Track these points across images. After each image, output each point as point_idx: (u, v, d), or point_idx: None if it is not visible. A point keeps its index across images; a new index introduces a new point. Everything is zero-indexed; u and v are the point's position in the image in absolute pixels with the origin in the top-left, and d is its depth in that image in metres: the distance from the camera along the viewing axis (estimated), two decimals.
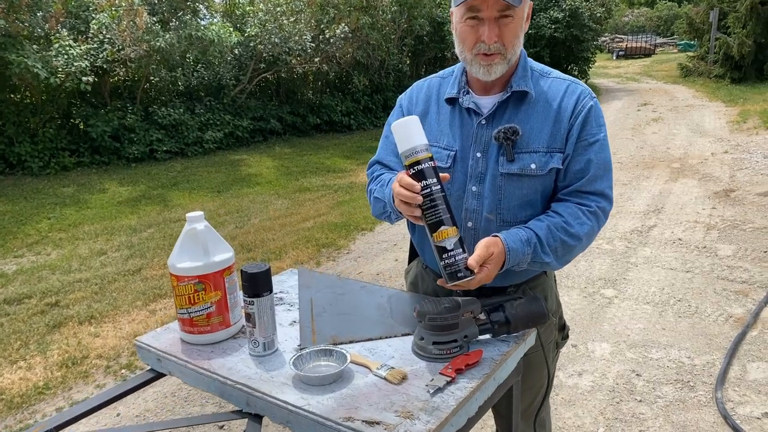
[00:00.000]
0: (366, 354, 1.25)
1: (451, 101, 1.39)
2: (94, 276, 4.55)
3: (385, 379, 1.14)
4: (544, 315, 1.26)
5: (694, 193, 5.89)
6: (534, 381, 1.52)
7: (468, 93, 1.37)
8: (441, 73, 1.48)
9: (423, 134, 1.20)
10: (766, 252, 4.13)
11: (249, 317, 1.25)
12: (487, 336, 1.26)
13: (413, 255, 1.64)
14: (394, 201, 1.27)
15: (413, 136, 1.19)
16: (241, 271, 1.25)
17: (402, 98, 1.52)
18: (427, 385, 1.10)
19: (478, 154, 1.34)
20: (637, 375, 2.67)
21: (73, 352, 3.35)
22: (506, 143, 1.30)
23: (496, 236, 1.26)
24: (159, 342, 1.36)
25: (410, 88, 1.51)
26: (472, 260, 1.18)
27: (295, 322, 1.42)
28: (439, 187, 1.18)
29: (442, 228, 1.18)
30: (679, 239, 4.54)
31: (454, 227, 1.19)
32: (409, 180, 1.17)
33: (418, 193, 1.16)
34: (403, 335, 1.32)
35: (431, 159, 1.19)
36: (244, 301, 1.25)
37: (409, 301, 1.50)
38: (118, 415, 2.71)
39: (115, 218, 6.14)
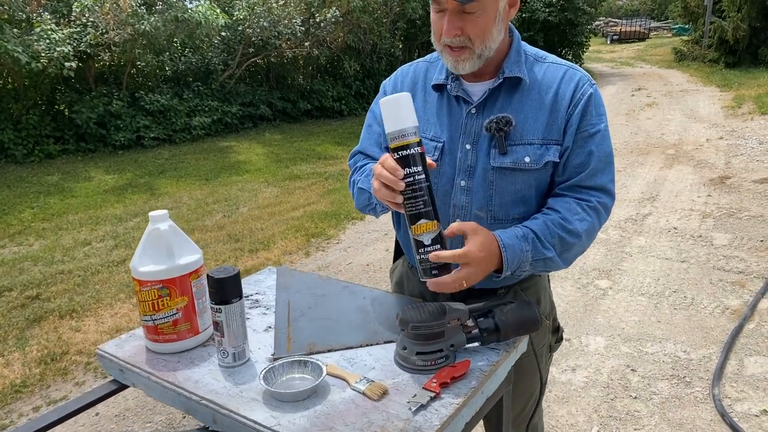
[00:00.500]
0: (345, 365, 1.15)
1: (439, 88, 1.28)
2: (77, 267, 4.43)
3: (363, 394, 1.04)
4: (536, 321, 1.17)
5: (689, 180, 5.81)
6: (526, 387, 1.43)
7: (457, 79, 1.26)
8: (428, 57, 1.37)
9: (414, 115, 1.09)
10: (762, 241, 4.06)
11: (217, 326, 1.15)
12: (476, 344, 1.17)
13: (399, 253, 1.55)
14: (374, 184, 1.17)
15: (403, 117, 1.08)
16: (207, 276, 1.15)
17: (386, 84, 1.41)
18: (409, 402, 1.01)
19: (468, 146, 1.24)
20: (632, 370, 2.60)
21: (53, 348, 3.25)
22: (498, 134, 1.20)
23: (493, 235, 1.16)
24: (122, 351, 1.26)
25: (395, 72, 1.40)
26: (444, 254, 1.08)
27: (270, 327, 1.33)
28: (423, 176, 1.08)
29: (422, 221, 1.09)
30: (675, 228, 4.47)
31: (435, 221, 1.10)
32: (393, 163, 1.07)
33: (400, 180, 1.06)
34: (385, 342, 1.23)
35: (419, 144, 1.09)
36: (212, 308, 1.15)
37: (394, 304, 1.41)
38: (96, 414, 2.62)
39: (100, 207, 6.00)
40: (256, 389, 1.08)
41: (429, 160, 1.10)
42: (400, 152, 1.07)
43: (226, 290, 1.14)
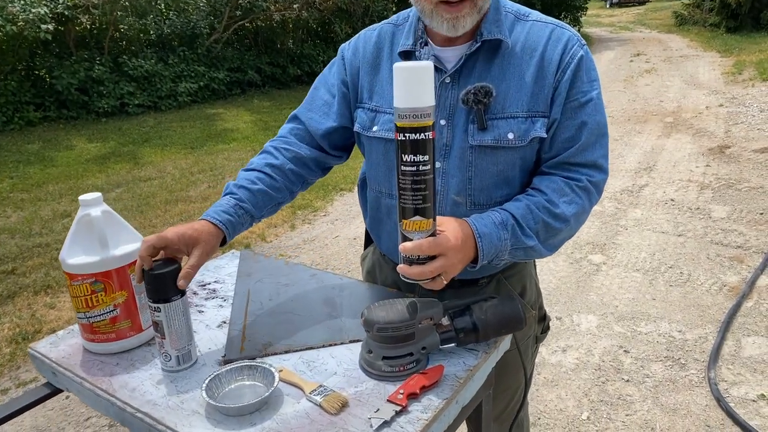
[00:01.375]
0: (302, 369, 1.02)
1: (407, 56, 1.11)
2: (55, 241, 4.28)
3: (320, 406, 0.91)
4: (520, 320, 1.03)
5: (687, 149, 5.65)
6: (509, 383, 1.31)
7: (426, 44, 1.09)
8: (394, 18, 1.19)
9: (432, 91, 0.90)
10: (762, 214, 3.93)
11: (156, 326, 1.01)
12: (451, 345, 1.03)
13: (369, 240, 1.40)
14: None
15: (421, 93, 0.88)
16: (143, 271, 1.00)
17: (345, 49, 1.23)
18: (370, 418, 0.88)
19: (442, 122, 1.08)
20: (625, 351, 2.49)
21: (25, 326, 3.13)
22: (477, 107, 1.04)
23: (465, 222, 1.01)
24: (56, 350, 1.12)
25: (357, 36, 1.23)
26: (408, 246, 0.92)
27: (225, 322, 1.19)
28: (429, 167, 0.91)
29: (416, 218, 0.93)
30: (672, 200, 4.33)
31: (431, 220, 0.94)
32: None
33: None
34: (351, 342, 1.09)
35: (432, 129, 0.91)
36: (150, 307, 1.00)
37: (365, 295, 1.27)
38: (67, 397, 2.51)
39: (81, 177, 5.81)
40: (199, 400, 0.95)
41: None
42: (407, 135, 0.90)
43: (166, 287, 1.00)
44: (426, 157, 0.91)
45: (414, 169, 0.91)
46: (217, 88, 9.51)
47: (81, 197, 1.06)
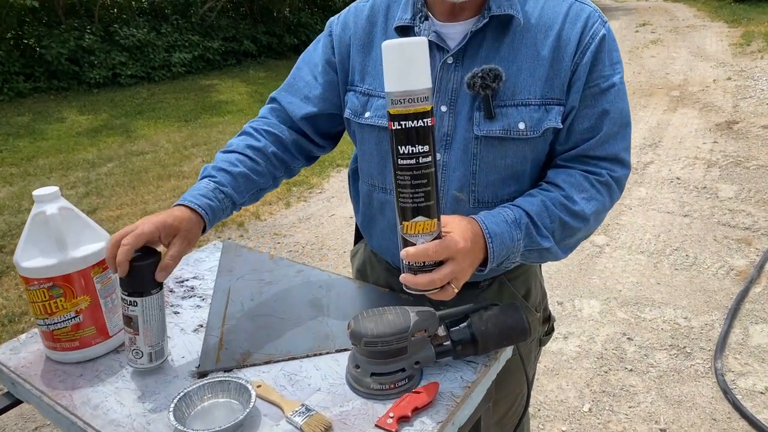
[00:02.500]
0: (283, 383, 0.92)
1: (404, 31, 0.99)
2: None
3: (301, 430, 0.82)
4: (523, 331, 0.93)
5: (694, 124, 5.49)
6: (510, 389, 1.22)
7: (427, 18, 0.97)
8: None
9: (429, 72, 0.77)
10: None
11: (130, 321, 0.92)
12: (447, 358, 0.94)
13: (361, 234, 1.29)
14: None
15: (418, 74, 0.75)
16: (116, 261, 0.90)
17: (333, 23, 1.10)
18: None
19: (443, 108, 0.96)
20: (629, 339, 2.41)
21: (12, 308, 3.05)
22: (484, 92, 0.92)
23: (473, 220, 0.90)
24: (16, 358, 1.03)
25: (347, 9, 1.10)
26: (412, 250, 0.80)
27: (202, 326, 1.09)
28: (429, 159, 0.79)
29: (419, 219, 0.81)
30: (678, 178, 4.21)
31: (435, 221, 0.82)
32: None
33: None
34: (338, 351, 1.00)
35: (430, 115, 0.78)
36: (123, 300, 0.91)
37: (355, 296, 1.17)
38: None
39: (72, 151, 5.68)
40: (166, 421, 0.85)
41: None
42: (403, 123, 0.77)
43: (144, 279, 0.91)
44: (426, 148, 0.78)
45: (413, 162, 0.78)
46: (212, 59, 9.28)
47: (35, 192, 0.95)
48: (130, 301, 0.90)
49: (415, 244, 0.81)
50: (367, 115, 1.03)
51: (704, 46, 9.48)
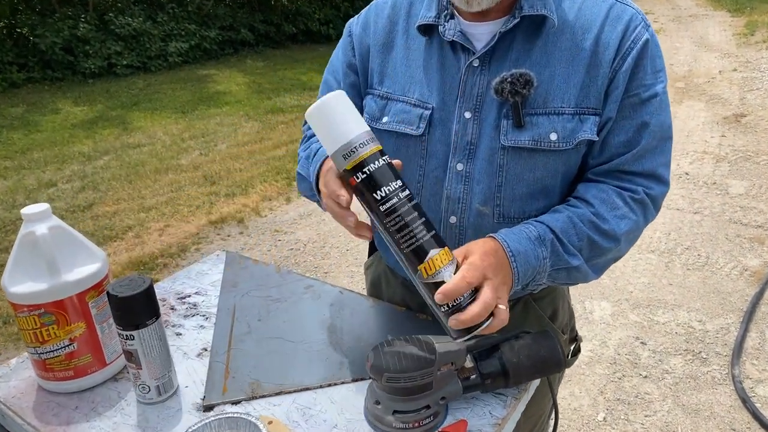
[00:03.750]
0: (296, 419, 0.85)
1: (427, 30, 0.90)
2: None
3: None
4: (558, 362, 0.86)
5: (701, 117, 5.40)
6: (532, 411, 1.15)
7: (452, 17, 0.88)
8: None
9: (359, 116, 0.74)
10: None
11: (130, 356, 0.85)
12: (475, 392, 0.86)
13: (374, 248, 1.22)
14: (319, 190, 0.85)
15: (343, 124, 0.73)
16: (108, 295, 0.83)
17: (352, 24, 1.02)
18: None
19: (467, 114, 0.88)
20: (642, 343, 2.34)
21: (7, 308, 2.96)
22: (513, 99, 0.84)
23: (491, 237, 0.83)
24: (6, 387, 0.95)
25: (367, 8, 1.01)
26: (452, 285, 0.71)
27: (206, 350, 1.01)
28: (408, 192, 0.73)
29: (432, 254, 0.72)
30: (686, 173, 4.13)
31: (446, 248, 0.74)
32: (335, 188, 0.75)
33: (346, 209, 0.75)
34: (355, 381, 0.92)
35: (381, 153, 0.73)
36: (120, 335, 0.84)
37: (370, 316, 1.09)
38: None
39: (67, 143, 5.57)
40: None
41: (395, 161, 0.76)
42: (364, 170, 0.72)
43: (137, 311, 0.84)
44: (399, 182, 0.73)
45: (395, 200, 0.72)
46: (209, 48, 9.13)
47: (23, 211, 0.87)
48: (127, 335, 0.83)
49: (442, 282, 0.72)
50: (385, 120, 0.95)
51: (707, 35, 9.36)
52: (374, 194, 0.72)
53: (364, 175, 0.71)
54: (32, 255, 0.86)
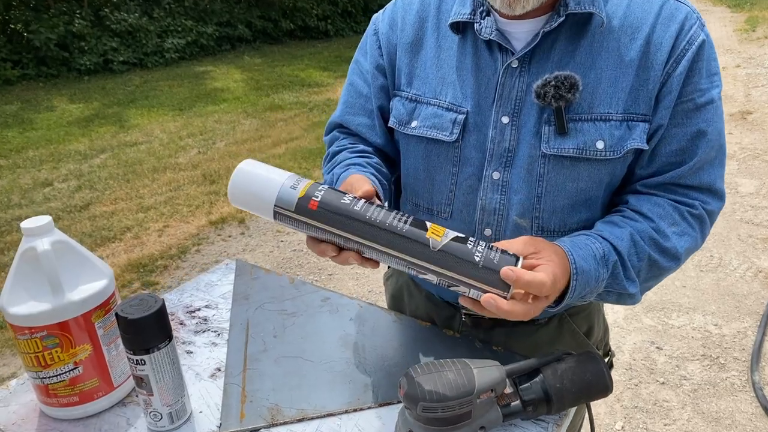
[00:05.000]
0: None
1: (461, 28, 0.84)
2: (34, 213, 4.00)
3: None
4: (605, 387, 0.79)
5: None
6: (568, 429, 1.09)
7: (488, 14, 0.81)
8: None
9: (274, 169, 0.73)
10: None
11: (141, 382, 0.78)
12: (516, 419, 0.80)
13: None
14: None
15: (267, 180, 0.72)
16: (117, 317, 0.76)
17: (378, 21, 0.95)
18: None
19: (505, 119, 0.82)
20: (658, 348, 2.29)
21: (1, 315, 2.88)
22: (557, 103, 0.77)
23: (561, 250, 0.75)
24: (6, 412, 0.88)
25: (392, 2, 0.94)
26: (524, 277, 0.66)
27: (220, 370, 0.95)
28: (372, 205, 0.71)
29: (428, 224, 0.71)
30: None
31: (434, 224, 0.71)
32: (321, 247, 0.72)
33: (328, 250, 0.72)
34: (381, 405, 0.86)
35: (319, 183, 0.72)
36: (130, 360, 0.77)
37: (392, 331, 1.02)
38: None
39: (63, 141, 5.48)
40: None
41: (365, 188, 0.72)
42: (315, 214, 0.70)
43: (149, 334, 0.77)
44: (346, 201, 0.70)
45: (361, 204, 0.70)
46: (206, 44, 9.02)
47: (23, 225, 0.79)
48: (137, 360, 0.76)
49: (458, 237, 0.69)
50: (414, 124, 0.88)
51: (709, 31, 9.31)
52: (342, 200, 0.69)
53: (319, 214, 0.69)
54: (34, 272, 0.79)
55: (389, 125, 0.92)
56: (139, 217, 3.86)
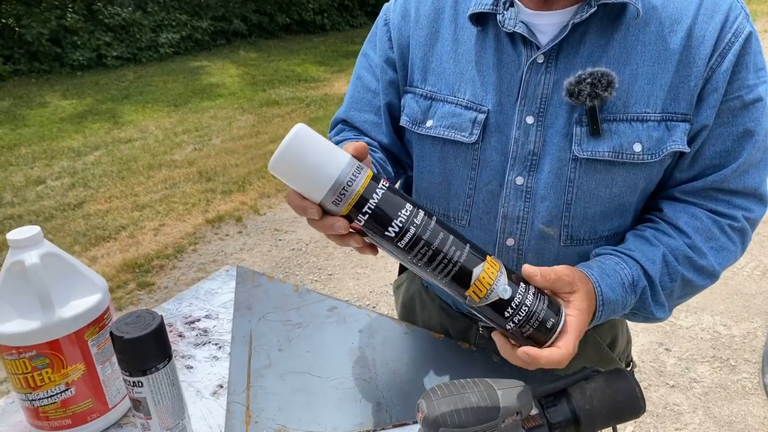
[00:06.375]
0: None
1: (481, 20, 0.78)
2: (27, 212, 3.93)
3: None
4: (637, 408, 0.74)
5: None
6: None
7: (512, 5, 0.75)
8: None
9: (332, 147, 0.60)
10: None
11: (138, 405, 0.72)
12: None
13: None
14: None
15: (321, 163, 0.58)
16: (112, 336, 0.70)
17: (389, 10, 0.88)
18: None
19: (529, 120, 0.76)
20: (666, 350, 2.25)
21: None
22: (590, 102, 0.72)
23: (587, 279, 0.70)
24: None
25: None
26: (555, 355, 0.65)
27: (222, 386, 0.89)
28: (422, 215, 0.61)
29: (476, 275, 0.62)
30: None
31: (489, 258, 0.63)
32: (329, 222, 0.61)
33: (362, 246, 0.63)
34: (395, 426, 0.80)
35: (376, 180, 0.60)
36: (126, 382, 0.71)
37: (404, 344, 0.97)
38: None
39: (56, 138, 5.39)
40: None
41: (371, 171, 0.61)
42: (364, 211, 0.59)
43: (146, 354, 0.71)
44: (409, 206, 0.60)
45: (412, 231, 0.59)
46: (201, 39, 8.92)
47: (9, 236, 0.73)
48: (134, 382, 0.70)
49: (502, 299, 0.62)
50: (429, 124, 0.82)
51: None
52: (385, 233, 0.60)
53: (366, 216, 0.59)
54: (22, 287, 0.73)
55: (401, 124, 0.86)
56: (134, 215, 3.79)
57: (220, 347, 0.98)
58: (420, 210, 0.61)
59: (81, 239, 3.54)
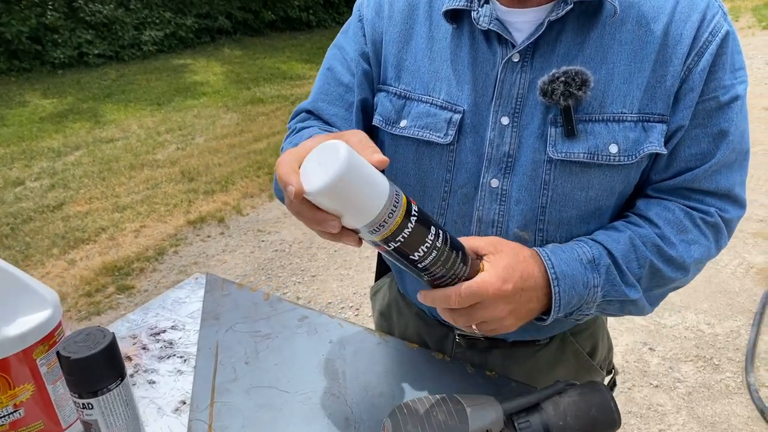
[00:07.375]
0: None
1: (455, 17, 0.74)
2: (5, 214, 3.85)
3: None
4: (612, 423, 0.71)
5: None
6: None
7: (487, 2, 0.72)
8: None
9: (377, 175, 0.55)
10: None
11: (90, 428, 0.68)
12: None
13: (383, 268, 1.06)
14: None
15: (367, 195, 0.54)
16: (59, 356, 0.66)
17: (362, 5, 0.85)
18: None
19: (504, 120, 0.73)
20: (651, 349, 2.23)
21: None
22: (564, 101, 0.69)
23: (534, 253, 0.69)
24: None
25: None
26: (435, 293, 0.65)
27: (185, 403, 0.85)
28: (441, 240, 0.59)
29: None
30: None
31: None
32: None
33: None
34: None
35: (408, 211, 0.57)
36: (76, 404, 0.68)
37: (377, 357, 0.94)
38: None
39: (36, 138, 5.30)
40: None
41: (380, 156, 0.56)
42: (390, 243, 0.57)
43: (96, 374, 0.67)
44: (432, 232, 0.59)
45: (433, 255, 0.60)
46: (185, 36, 8.82)
47: None
48: (84, 404, 0.66)
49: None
50: (403, 123, 0.79)
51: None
52: (410, 256, 0.60)
53: (397, 244, 0.58)
54: None
55: (374, 124, 0.83)
56: (114, 217, 3.72)
57: (185, 360, 0.94)
58: (440, 235, 0.60)
59: (60, 242, 3.46)
